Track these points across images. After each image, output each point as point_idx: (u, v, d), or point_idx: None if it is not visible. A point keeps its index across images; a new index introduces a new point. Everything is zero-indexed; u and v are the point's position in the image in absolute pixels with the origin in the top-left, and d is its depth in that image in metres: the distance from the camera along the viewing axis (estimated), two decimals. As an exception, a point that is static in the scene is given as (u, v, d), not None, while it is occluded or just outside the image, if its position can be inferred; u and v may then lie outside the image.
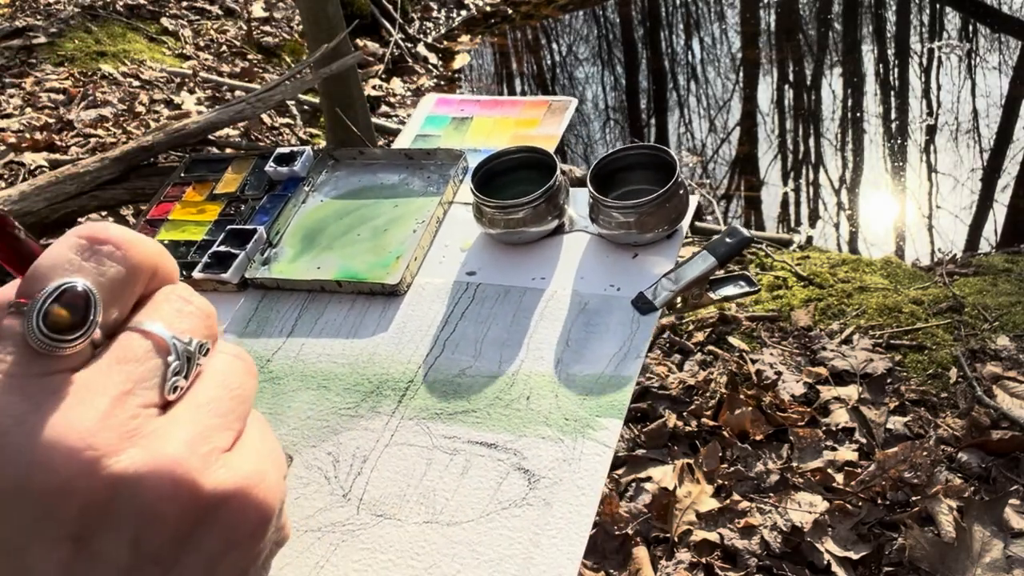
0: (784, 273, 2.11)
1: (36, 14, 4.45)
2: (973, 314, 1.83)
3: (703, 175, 3.52)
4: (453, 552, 0.39)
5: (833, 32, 4.80)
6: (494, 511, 0.41)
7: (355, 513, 0.42)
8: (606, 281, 0.49)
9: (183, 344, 0.28)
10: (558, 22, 5.49)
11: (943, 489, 1.39)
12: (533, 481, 0.41)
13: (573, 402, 0.44)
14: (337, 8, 2.88)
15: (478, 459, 0.43)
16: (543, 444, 0.43)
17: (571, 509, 0.40)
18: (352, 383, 0.48)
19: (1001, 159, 3.32)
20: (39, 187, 2.45)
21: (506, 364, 0.47)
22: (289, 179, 0.60)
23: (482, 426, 0.44)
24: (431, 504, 0.42)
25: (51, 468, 0.24)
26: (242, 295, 0.55)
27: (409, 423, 0.45)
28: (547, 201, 0.51)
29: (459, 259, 0.53)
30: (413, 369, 0.48)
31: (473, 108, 0.67)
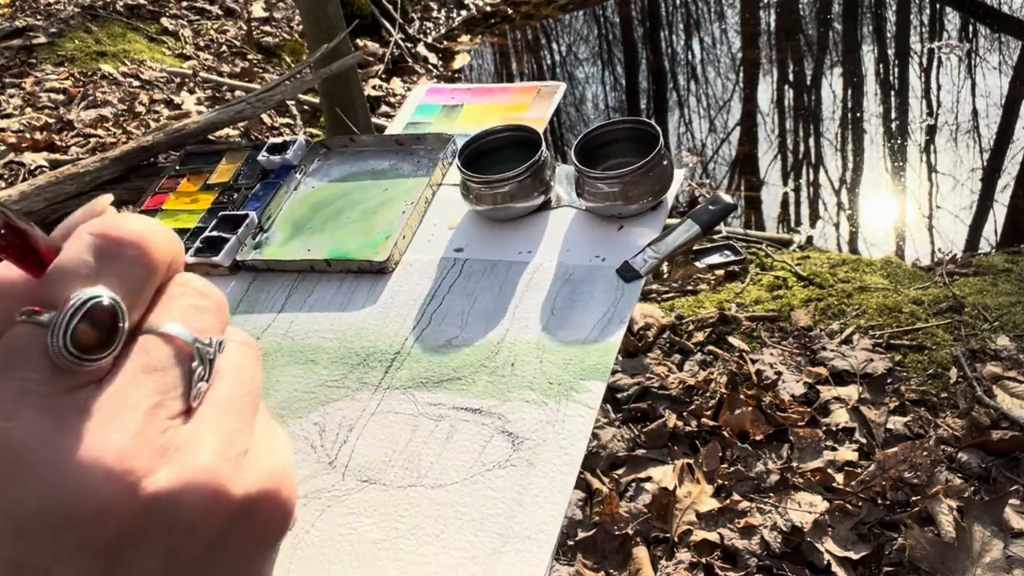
0: (784, 273, 2.11)
1: (36, 14, 4.45)
2: (973, 314, 1.83)
3: (703, 175, 3.52)
4: (437, 513, 0.40)
5: (833, 32, 4.80)
6: (478, 473, 0.41)
7: (340, 480, 0.43)
8: (591, 252, 0.50)
9: (204, 346, 0.27)
10: (558, 22, 5.49)
11: (943, 489, 1.39)
12: (517, 443, 0.42)
13: (557, 367, 0.45)
14: (337, 8, 2.88)
15: (463, 424, 0.44)
16: (527, 408, 0.43)
17: (554, 468, 0.40)
18: (339, 356, 0.49)
19: (1001, 159, 3.32)
20: (39, 187, 2.45)
21: (492, 333, 0.48)
22: (282, 167, 0.61)
23: (467, 392, 0.45)
24: (415, 468, 0.42)
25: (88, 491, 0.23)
26: (233, 278, 0.56)
27: (395, 392, 0.46)
28: (532, 176, 0.51)
29: (447, 237, 0.54)
30: (400, 341, 0.49)
31: (464, 96, 0.68)
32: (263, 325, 0.53)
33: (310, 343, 0.50)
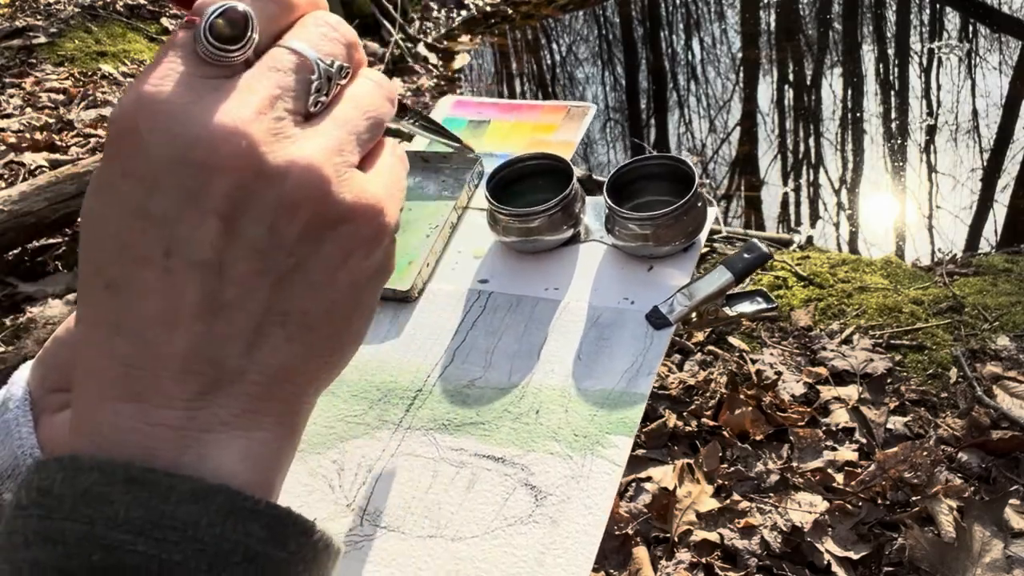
0: (784, 273, 2.11)
1: (36, 14, 4.45)
2: (973, 314, 1.83)
3: (703, 175, 3.52)
4: (457, 568, 0.39)
5: (833, 32, 4.80)
6: (499, 527, 0.40)
7: (358, 524, 0.42)
8: (620, 294, 0.49)
9: (325, 65, 0.31)
10: (558, 22, 5.49)
11: (943, 489, 1.39)
12: (540, 498, 0.40)
13: (583, 418, 0.43)
14: (337, 8, 2.88)
15: (485, 473, 0.42)
16: (551, 460, 0.42)
17: (578, 528, 0.39)
18: (360, 390, 0.48)
19: (1001, 159, 3.32)
20: (39, 187, 2.45)
21: (516, 376, 0.46)
22: None
23: (490, 439, 0.43)
24: (436, 518, 0.41)
25: (212, 146, 0.28)
26: None
27: (416, 433, 0.45)
28: (563, 210, 0.50)
29: (472, 266, 0.53)
30: (422, 378, 0.48)
31: (491, 111, 0.67)
32: None
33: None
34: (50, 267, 2.53)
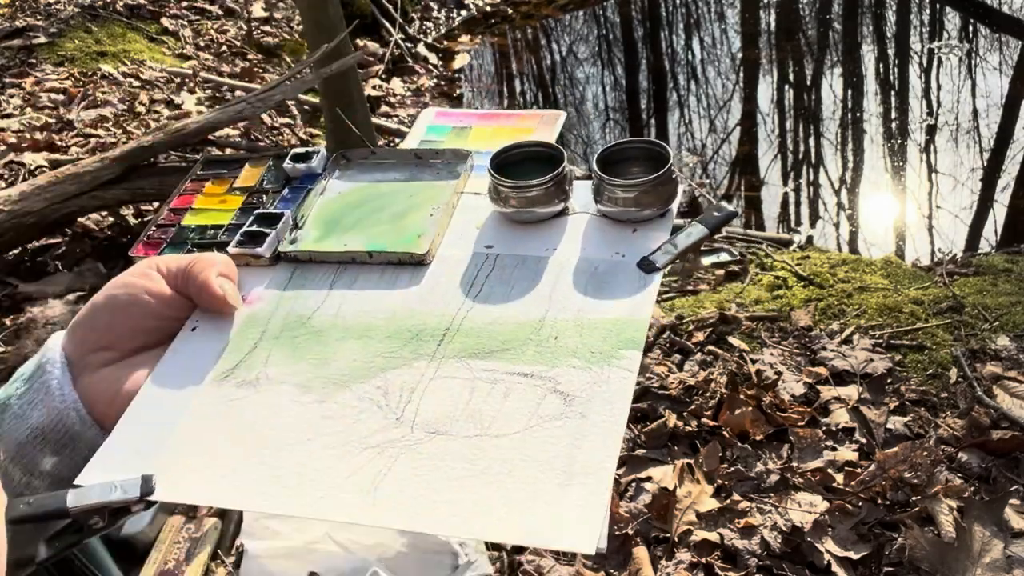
0: (784, 273, 2.11)
1: (36, 14, 4.45)
2: (973, 314, 1.83)
3: (703, 175, 3.52)
4: (503, 457, 0.45)
5: (833, 32, 4.80)
6: (536, 424, 0.47)
7: (410, 431, 0.48)
8: (612, 250, 0.56)
9: None
10: (558, 22, 5.49)
11: (943, 489, 1.39)
12: (568, 400, 0.47)
13: (596, 339, 0.51)
14: (337, 8, 2.88)
15: (517, 386, 0.49)
16: (574, 372, 0.49)
17: (604, 419, 0.46)
18: (392, 332, 0.54)
19: (1001, 159, 3.32)
20: (39, 187, 2.45)
21: (533, 313, 0.53)
22: (306, 175, 0.66)
23: (518, 360, 0.50)
24: (479, 421, 0.48)
25: None
26: (273, 269, 0.60)
27: (450, 361, 0.51)
28: (556, 185, 0.58)
29: (475, 235, 0.60)
30: (448, 320, 0.54)
31: (471, 120, 0.72)
32: (314, 305, 0.57)
33: (362, 321, 0.55)
34: (50, 267, 2.53)
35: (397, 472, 0.46)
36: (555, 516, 0.43)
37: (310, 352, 0.54)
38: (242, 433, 0.50)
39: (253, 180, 0.67)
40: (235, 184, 0.67)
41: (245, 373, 0.53)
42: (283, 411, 0.51)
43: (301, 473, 0.47)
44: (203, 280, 0.53)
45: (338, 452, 0.48)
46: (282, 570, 1.35)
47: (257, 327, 0.56)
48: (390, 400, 0.50)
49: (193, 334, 0.55)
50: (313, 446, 0.48)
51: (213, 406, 0.51)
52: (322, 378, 0.52)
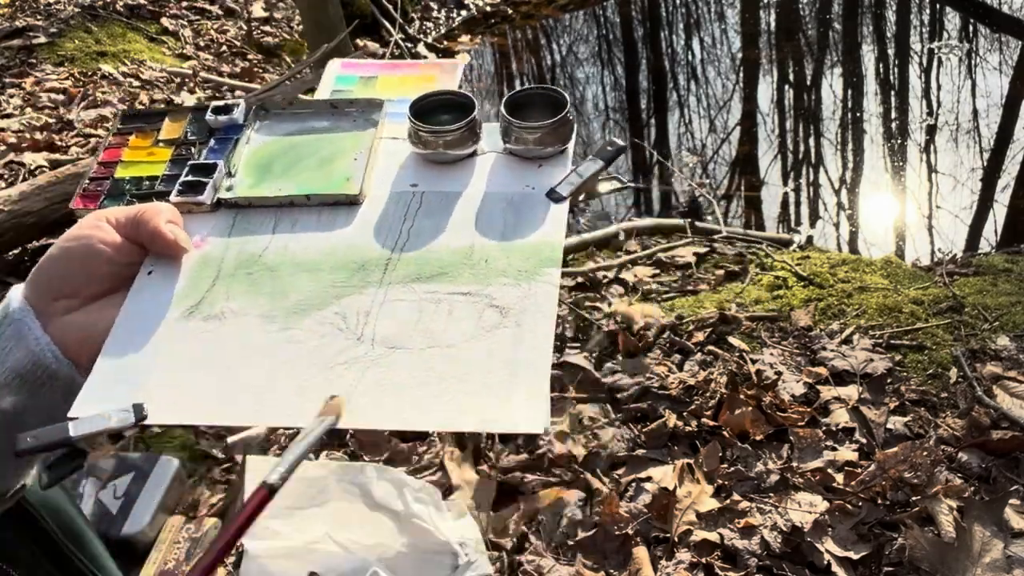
0: (784, 273, 2.11)
1: (36, 14, 4.45)
2: (973, 314, 1.83)
3: (703, 175, 3.52)
4: (455, 362, 0.53)
5: (833, 32, 4.80)
6: (480, 334, 0.55)
7: (371, 348, 0.55)
8: (522, 183, 0.64)
9: None
10: (558, 22, 5.49)
11: (943, 489, 1.38)
12: (504, 312, 0.56)
13: (520, 260, 0.59)
14: (337, 8, 2.88)
15: (459, 304, 0.57)
16: (506, 289, 0.57)
17: (536, 324, 0.55)
18: (340, 265, 0.60)
19: (1001, 159, 3.32)
20: (39, 187, 2.45)
21: (463, 241, 0.61)
22: (228, 126, 0.70)
23: (456, 282, 0.58)
24: (430, 335, 0.55)
25: None
26: (215, 215, 0.64)
27: (397, 286, 0.58)
28: (469, 129, 0.65)
29: (399, 176, 0.66)
30: (388, 252, 0.61)
31: (376, 69, 0.78)
32: (262, 246, 0.62)
33: (309, 257, 0.61)
34: (50, 267, 2.52)
35: (366, 383, 0.52)
36: (505, 406, 0.51)
37: (267, 287, 0.59)
38: (217, 359, 0.55)
39: (177, 133, 0.70)
40: (160, 137, 0.70)
41: (208, 308, 0.58)
42: (253, 339, 0.56)
43: (281, 390, 0.53)
44: (153, 227, 0.58)
45: (312, 370, 0.54)
46: (282, 570, 1.35)
47: (211, 267, 0.60)
48: (349, 323, 0.56)
49: (150, 278, 0.59)
50: (287, 367, 0.54)
51: (185, 338, 0.56)
52: (283, 309, 0.57)
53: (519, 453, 1.63)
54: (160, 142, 0.70)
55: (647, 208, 3.36)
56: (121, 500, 1.55)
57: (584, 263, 2.31)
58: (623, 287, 2.17)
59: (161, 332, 0.56)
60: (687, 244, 2.36)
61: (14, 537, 0.73)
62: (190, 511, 1.61)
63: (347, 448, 1.70)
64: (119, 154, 0.70)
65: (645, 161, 3.69)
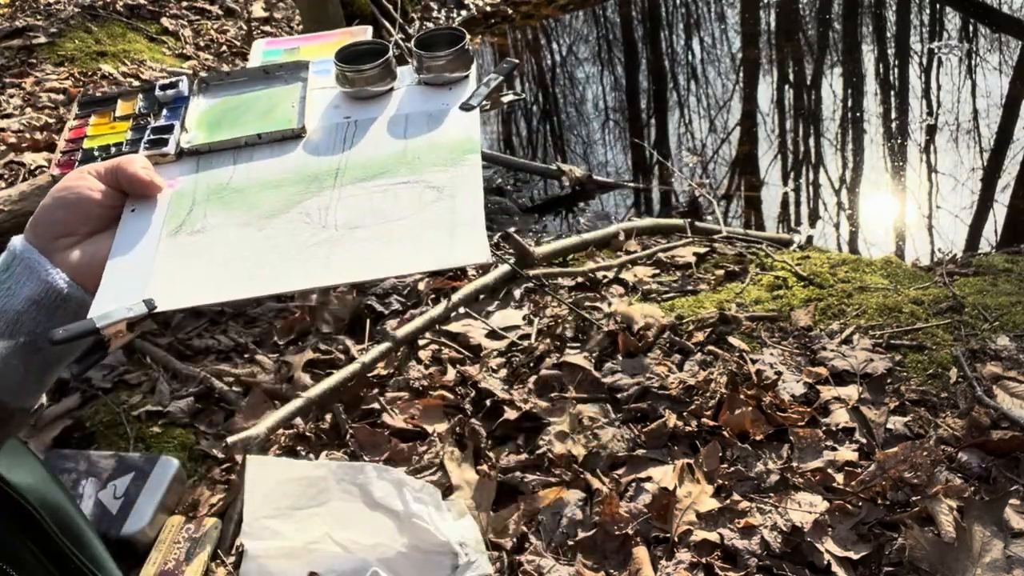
0: (784, 273, 2.11)
1: (36, 14, 4.45)
2: (973, 314, 1.83)
3: (703, 175, 3.52)
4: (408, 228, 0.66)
5: (833, 32, 4.80)
6: (423, 207, 0.67)
7: (335, 231, 0.66)
8: (438, 103, 0.78)
9: None
10: (558, 22, 5.48)
11: (943, 489, 1.38)
12: (440, 190, 0.68)
13: (446, 153, 0.72)
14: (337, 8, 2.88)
15: (402, 190, 0.69)
16: (438, 174, 0.70)
17: (468, 193, 0.68)
18: (297, 180, 0.72)
19: (1001, 159, 3.32)
20: (39, 187, 2.45)
21: (396, 149, 0.73)
22: (176, 99, 0.80)
23: (397, 175, 0.71)
24: (383, 215, 0.67)
25: None
26: (180, 163, 0.75)
27: (348, 186, 0.70)
28: (386, 67, 0.78)
29: (333, 114, 0.78)
30: (336, 164, 0.72)
31: (297, 43, 0.90)
32: (227, 176, 0.73)
33: (270, 178, 0.72)
34: (50, 267, 2.52)
35: (338, 251, 0.64)
36: (454, 247, 0.64)
37: (238, 204, 0.70)
38: (207, 257, 0.66)
39: (131, 109, 0.80)
40: (116, 115, 0.80)
41: (191, 226, 0.68)
42: (234, 240, 0.67)
43: (268, 267, 0.64)
44: (131, 171, 0.68)
45: (290, 251, 0.65)
46: (282, 570, 1.35)
47: (186, 198, 0.71)
48: (313, 218, 0.68)
49: (133, 214, 0.69)
50: (268, 254, 0.65)
51: (176, 248, 0.67)
52: (255, 217, 0.68)
53: (519, 453, 1.63)
54: (117, 118, 0.80)
55: (647, 208, 3.36)
56: (121, 500, 1.55)
57: (584, 263, 2.31)
58: (623, 287, 2.17)
59: (154, 245, 0.67)
60: (687, 244, 2.36)
61: (14, 537, 0.73)
62: (190, 511, 1.61)
63: (347, 448, 1.70)
64: (83, 132, 0.80)
65: (645, 161, 3.69)
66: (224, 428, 1.80)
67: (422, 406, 1.78)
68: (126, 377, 1.97)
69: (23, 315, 0.62)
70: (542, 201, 3.40)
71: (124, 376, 1.97)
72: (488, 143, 4.06)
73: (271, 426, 1.68)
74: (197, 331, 2.15)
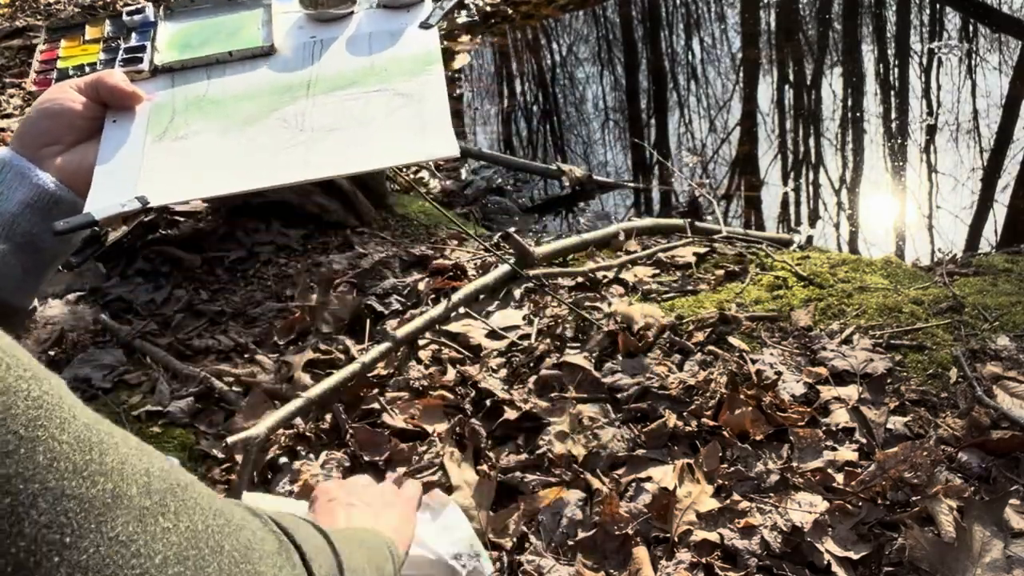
0: (784, 273, 2.11)
1: (36, 14, 4.45)
2: (973, 314, 1.83)
3: (703, 175, 3.52)
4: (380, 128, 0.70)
5: (833, 32, 4.80)
6: (393, 111, 0.72)
7: (312, 134, 0.70)
8: (399, 23, 0.82)
9: None
10: (558, 22, 5.48)
11: (943, 489, 1.38)
12: (407, 96, 0.73)
13: (411, 64, 0.77)
14: (337, 8, 2.88)
15: (372, 97, 0.74)
16: (405, 82, 0.75)
17: (434, 97, 0.73)
18: (271, 91, 0.75)
19: (1001, 159, 3.32)
20: (39, 187, 2.45)
21: (364, 63, 0.78)
22: (143, 23, 0.83)
23: (366, 85, 0.75)
24: (356, 118, 0.71)
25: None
26: (155, 79, 0.78)
27: (320, 96, 0.74)
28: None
29: (299, 34, 0.82)
30: (307, 77, 0.76)
31: None
32: (203, 89, 0.76)
33: (244, 90, 0.76)
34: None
35: (317, 149, 0.69)
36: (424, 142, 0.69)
37: (216, 113, 0.73)
38: (193, 157, 0.69)
39: (99, 34, 0.83)
40: (86, 38, 0.83)
41: (174, 133, 0.71)
42: (217, 144, 0.70)
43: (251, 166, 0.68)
44: (112, 83, 0.71)
45: (271, 151, 0.69)
46: None
47: (166, 109, 0.74)
48: (290, 123, 0.72)
49: (115, 124, 0.72)
50: (251, 154, 0.69)
51: (161, 151, 0.70)
52: (233, 123, 0.72)
53: (519, 453, 1.63)
54: (87, 42, 0.83)
55: (647, 208, 3.36)
56: (121, 500, 1.55)
57: (584, 263, 2.31)
58: (623, 287, 2.17)
59: (140, 149, 0.70)
60: (687, 244, 2.36)
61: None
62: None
63: (347, 448, 1.70)
64: (55, 54, 0.82)
65: (645, 161, 3.70)
66: (224, 428, 1.80)
67: (422, 406, 1.78)
68: (126, 377, 1.97)
69: (18, 217, 0.64)
70: (542, 201, 3.40)
71: (124, 376, 1.97)
72: (488, 143, 4.06)
73: (271, 426, 1.68)
74: (197, 331, 2.15)
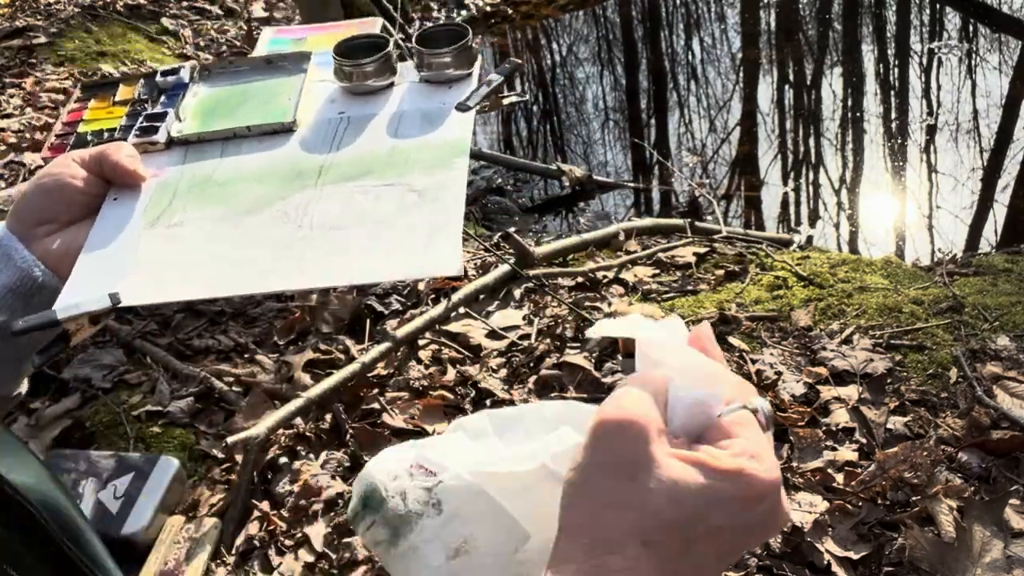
0: (784, 273, 2.11)
1: (36, 14, 4.45)
2: (973, 314, 1.83)
3: (703, 175, 3.52)
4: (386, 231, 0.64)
5: (833, 32, 4.80)
6: (403, 210, 0.65)
7: (311, 232, 0.65)
8: (436, 102, 0.75)
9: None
10: (558, 22, 5.49)
11: (943, 489, 1.38)
12: (422, 194, 0.66)
13: (435, 155, 0.69)
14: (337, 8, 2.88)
15: (384, 192, 0.67)
16: (423, 177, 0.68)
17: (450, 198, 0.65)
18: (280, 176, 0.70)
19: (1001, 159, 3.32)
20: (39, 187, 2.45)
21: (385, 147, 0.71)
22: (176, 85, 0.79)
23: (381, 177, 0.68)
24: (362, 216, 0.65)
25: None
26: (169, 152, 0.74)
27: (329, 185, 0.68)
28: (385, 61, 0.76)
29: (328, 107, 0.77)
30: (320, 161, 0.71)
31: (305, 32, 0.89)
32: (212, 168, 0.72)
33: (253, 172, 0.71)
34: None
35: (311, 254, 0.63)
36: (426, 256, 0.62)
37: (218, 198, 0.69)
38: (181, 252, 0.65)
39: (131, 94, 0.80)
40: (116, 99, 0.80)
41: (169, 219, 0.67)
42: (209, 235, 0.66)
43: (239, 266, 0.63)
44: (115, 159, 0.67)
45: (263, 250, 0.64)
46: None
47: (169, 189, 0.70)
48: (291, 216, 0.66)
49: (116, 202, 0.68)
50: (241, 251, 0.64)
51: (151, 240, 0.66)
52: (233, 212, 0.67)
53: (519, 453, 1.63)
54: (116, 103, 0.79)
55: (647, 208, 3.36)
56: (121, 500, 1.55)
57: (584, 263, 2.31)
58: (623, 287, 2.17)
59: (130, 237, 0.66)
60: (687, 244, 2.36)
61: (14, 537, 0.73)
62: (190, 511, 1.61)
63: (347, 448, 1.70)
64: (81, 115, 0.79)
65: (645, 161, 3.69)
66: (224, 428, 1.80)
67: (422, 406, 1.78)
68: (126, 377, 1.97)
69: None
70: (542, 201, 3.40)
71: (124, 376, 1.97)
72: (488, 143, 4.06)
73: (271, 426, 1.68)
74: (197, 331, 2.15)
